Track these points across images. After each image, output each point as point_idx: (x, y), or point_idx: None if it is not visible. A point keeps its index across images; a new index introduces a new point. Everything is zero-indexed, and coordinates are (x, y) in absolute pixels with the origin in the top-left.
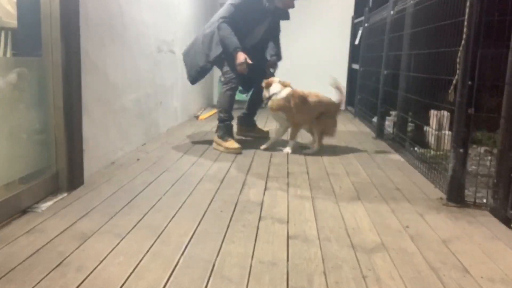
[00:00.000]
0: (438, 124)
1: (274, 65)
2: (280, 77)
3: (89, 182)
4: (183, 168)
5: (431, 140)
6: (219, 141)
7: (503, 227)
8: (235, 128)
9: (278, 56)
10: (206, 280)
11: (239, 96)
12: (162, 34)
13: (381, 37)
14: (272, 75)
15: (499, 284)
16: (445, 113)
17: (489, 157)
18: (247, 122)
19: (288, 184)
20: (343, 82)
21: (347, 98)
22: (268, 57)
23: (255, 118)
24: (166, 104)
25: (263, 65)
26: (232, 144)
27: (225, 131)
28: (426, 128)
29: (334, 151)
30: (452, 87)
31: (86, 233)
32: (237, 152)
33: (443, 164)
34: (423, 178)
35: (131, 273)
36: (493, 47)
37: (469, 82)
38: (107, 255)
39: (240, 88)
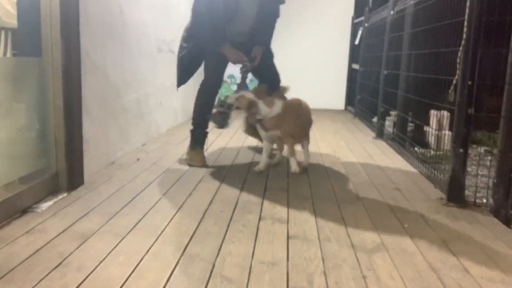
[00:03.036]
0: (438, 124)
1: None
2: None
3: (89, 182)
4: (183, 168)
5: (431, 140)
6: None
7: (503, 227)
8: None
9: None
10: (206, 280)
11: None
12: (162, 34)
13: (381, 37)
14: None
15: (499, 284)
16: (445, 113)
17: (489, 157)
18: None
19: (288, 184)
20: (343, 82)
21: (347, 98)
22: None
23: None
24: (166, 104)
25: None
26: None
27: None
28: (426, 128)
29: (334, 151)
30: (452, 87)
31: (86, 233)
32: None
33: (443, 164)
34: (423, 178)
35: (131, 273)
36: (493, 47)
37: (469, 82)
38: (107, 255)
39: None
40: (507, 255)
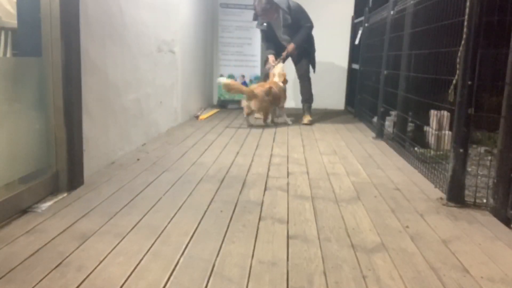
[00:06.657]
0: (438, 124)
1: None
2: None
3: (89, 182)
4: (183, 168)
5: (431, 140)
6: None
7: (503, 227)
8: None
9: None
10: (206, 280)
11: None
12: (162, 34)
13: (381, 37)
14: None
15: (499, 284)
16: (445, 113)
17: (489, 157)
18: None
19: (288, 184)
20: (343, 82)
21: (347, 98)
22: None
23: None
24: (166, 104)
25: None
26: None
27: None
28: (426, 128)
29: (334, 151)
30: (452, 87)
31: (86, 233)
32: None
33: (443, 164)
34: (423, 178)
35: (131, 273)
36: (493, 47)
37: (469, 82)
38: (107, 255)
39: None
40: (507, 255)
